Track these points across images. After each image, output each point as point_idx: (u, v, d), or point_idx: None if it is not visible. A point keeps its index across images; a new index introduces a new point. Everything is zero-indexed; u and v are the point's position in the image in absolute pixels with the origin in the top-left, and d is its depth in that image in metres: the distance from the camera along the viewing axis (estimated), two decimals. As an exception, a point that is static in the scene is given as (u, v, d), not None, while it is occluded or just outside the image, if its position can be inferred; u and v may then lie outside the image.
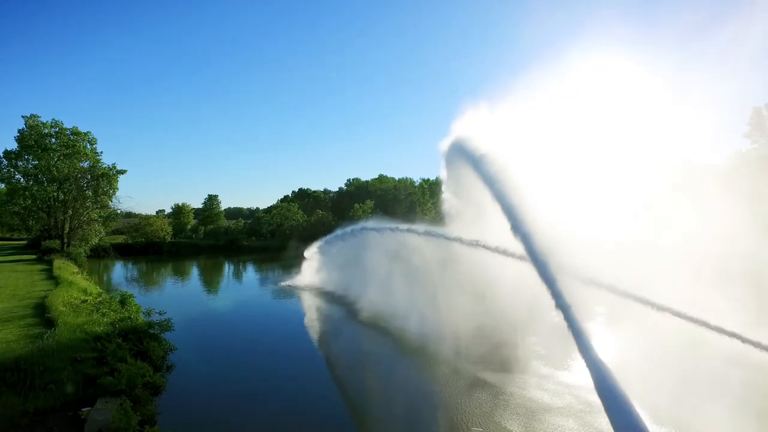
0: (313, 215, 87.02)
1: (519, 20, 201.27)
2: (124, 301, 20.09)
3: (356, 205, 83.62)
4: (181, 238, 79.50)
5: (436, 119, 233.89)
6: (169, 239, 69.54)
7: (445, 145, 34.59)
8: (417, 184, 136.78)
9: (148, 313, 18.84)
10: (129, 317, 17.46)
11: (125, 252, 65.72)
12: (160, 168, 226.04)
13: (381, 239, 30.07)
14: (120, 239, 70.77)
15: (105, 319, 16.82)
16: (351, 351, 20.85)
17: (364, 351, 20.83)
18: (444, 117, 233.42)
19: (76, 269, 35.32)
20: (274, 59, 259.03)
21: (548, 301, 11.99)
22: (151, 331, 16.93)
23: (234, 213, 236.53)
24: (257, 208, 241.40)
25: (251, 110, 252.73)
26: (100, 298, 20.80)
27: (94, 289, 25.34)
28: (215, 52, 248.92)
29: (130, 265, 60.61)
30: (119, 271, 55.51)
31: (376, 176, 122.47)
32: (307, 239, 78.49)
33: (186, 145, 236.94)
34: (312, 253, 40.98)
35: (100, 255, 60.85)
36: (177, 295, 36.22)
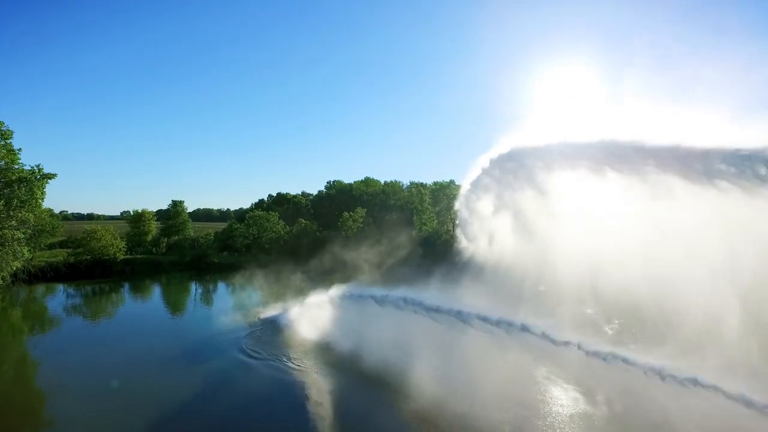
0: (295, 225, 76.14)
1: (506, 22, 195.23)
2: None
3: (345, 214, 73.32)
4: (140, 252, 67.13)
5: (418, 120, 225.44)
6: (121, 256, 57.15)
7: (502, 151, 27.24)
8: (405, 187, 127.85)
9: None
10: None
11: (64, 275, 53.08)
12: (123, 168, 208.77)
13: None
14: (61, 255, 58.10)
15: None
16: None
17: None
18: (425, 118, 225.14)
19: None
20: (248, 57, 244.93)
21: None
22: None
23: (204, 215, 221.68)
24: (228, 209, 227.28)
25: (223, 108, 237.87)
26: None
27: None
28: (188, 49, 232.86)
29: (71, 291, 48.61)
30: (47, 306, 43.36)
31: (359, 178, 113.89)
32: (290, 254, 68.08)
33: (152, 145, 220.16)
34: (319, 301, 28.80)
35: (30, 280, 48.66)
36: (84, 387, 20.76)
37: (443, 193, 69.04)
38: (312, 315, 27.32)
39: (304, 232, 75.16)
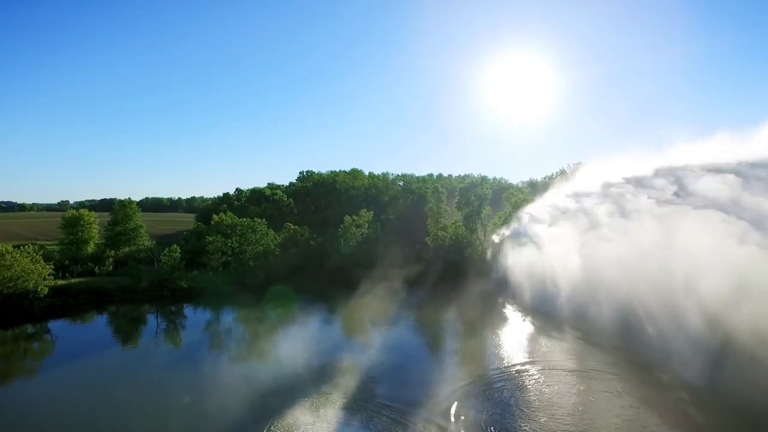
0: (282, 230, 61.00)
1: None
2: None
3: (347, 218, 59.01)
4: (77, 272, 49.76)
5: (388, 108, 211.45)
6: (46, 289, 40.08)
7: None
8: (392, 178, 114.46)
9: None
10: None
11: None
12: (61, 151, 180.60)
13: None
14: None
15: None
16: None
17: None
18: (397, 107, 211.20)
19: None
20: (201, 34, 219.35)
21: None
22: None
23: (152, 205, 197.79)
24: (180, 198, 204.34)
25: (172, 90, 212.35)
26: None
27: None
28: (138, 27, 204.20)
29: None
30: None
31: (331, 169, 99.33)
32: (284, 275, 53.20)
33: (94, 128, 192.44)
34: None
35: None
36: None
37: (473, 193, 56.08)
38: None
39: (293, 241, 60.36)
